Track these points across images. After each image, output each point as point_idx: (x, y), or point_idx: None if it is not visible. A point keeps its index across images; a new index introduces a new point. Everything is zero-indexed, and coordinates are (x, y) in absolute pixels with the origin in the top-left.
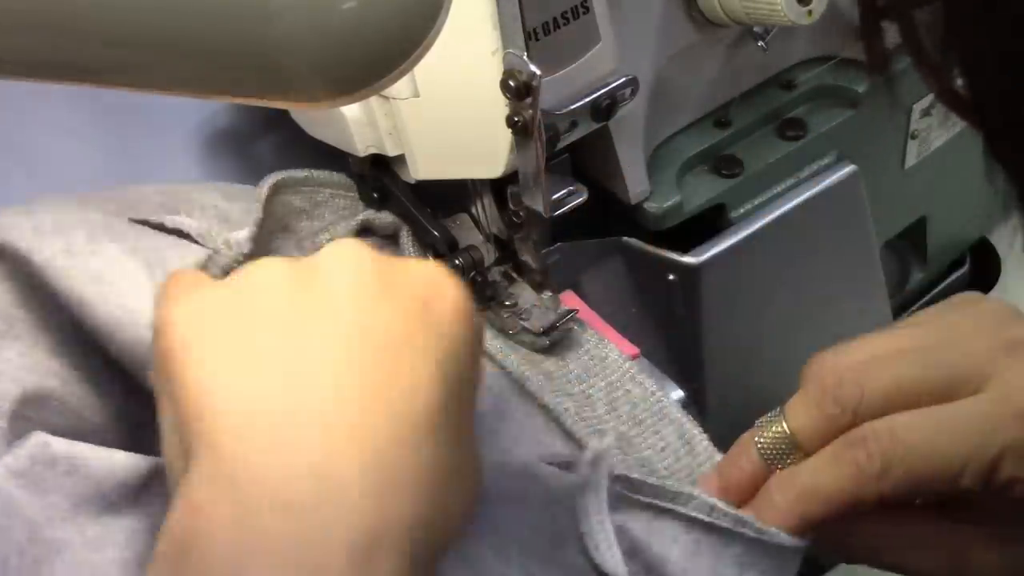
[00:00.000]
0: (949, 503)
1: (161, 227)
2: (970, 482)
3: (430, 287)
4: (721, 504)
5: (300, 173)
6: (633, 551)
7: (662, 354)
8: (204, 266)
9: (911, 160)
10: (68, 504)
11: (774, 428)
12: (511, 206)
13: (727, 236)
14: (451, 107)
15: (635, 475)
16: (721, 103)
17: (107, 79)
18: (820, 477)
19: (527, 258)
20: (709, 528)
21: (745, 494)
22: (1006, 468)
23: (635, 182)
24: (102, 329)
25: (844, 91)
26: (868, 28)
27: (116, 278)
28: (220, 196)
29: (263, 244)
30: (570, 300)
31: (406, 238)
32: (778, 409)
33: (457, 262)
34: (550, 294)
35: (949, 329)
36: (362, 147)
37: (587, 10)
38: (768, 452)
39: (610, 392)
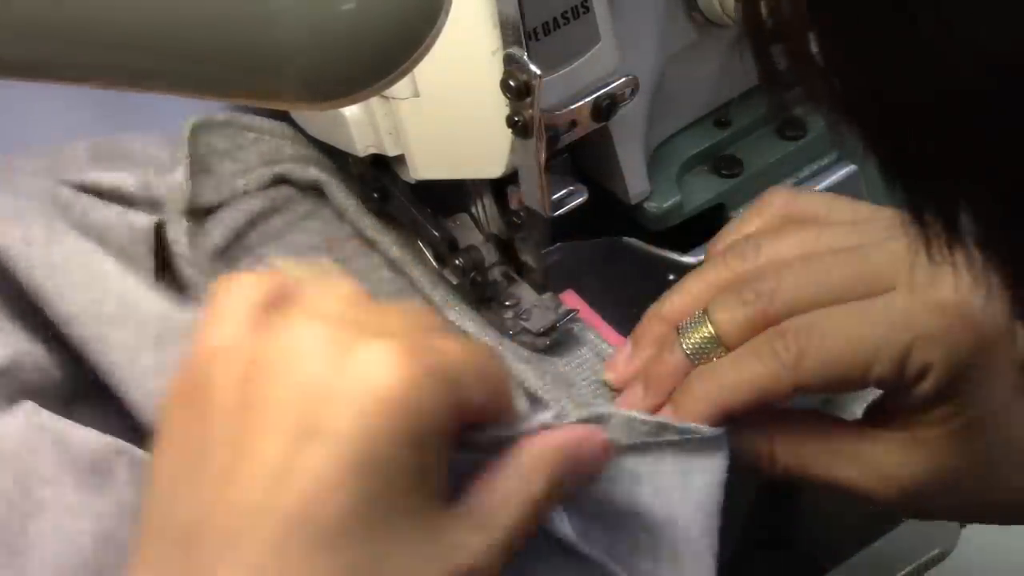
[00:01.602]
0: (872, 418)
1: (98, 190)
2: (883, 371)
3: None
4: (638, 415)
5: (221, 116)
6: (599, 515)
7: None
8: (159, 224)
9: None
10: (53, 470)
11: (701, 332)
12: (511, 206)
13: None
14: (451, 107)
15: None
16: (721, 103)
17: (107, 79)
18: (739, 367)
19: (527, 258)
20: (641, 452)
21: (668, 389)
22: (917, 355)
23: (635, 182)
24: (61, 321)
25: None
26: (758, 52)
27: (74, 268)
28: (144, 143)
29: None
30: (570, 300)
31: (336, 188)
32: (701, 312)
33: (457, 262)
34: (550, 294)
35: (866, 233)
36: (362, 147)
37: (587, 10)
38: (693, 352)
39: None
